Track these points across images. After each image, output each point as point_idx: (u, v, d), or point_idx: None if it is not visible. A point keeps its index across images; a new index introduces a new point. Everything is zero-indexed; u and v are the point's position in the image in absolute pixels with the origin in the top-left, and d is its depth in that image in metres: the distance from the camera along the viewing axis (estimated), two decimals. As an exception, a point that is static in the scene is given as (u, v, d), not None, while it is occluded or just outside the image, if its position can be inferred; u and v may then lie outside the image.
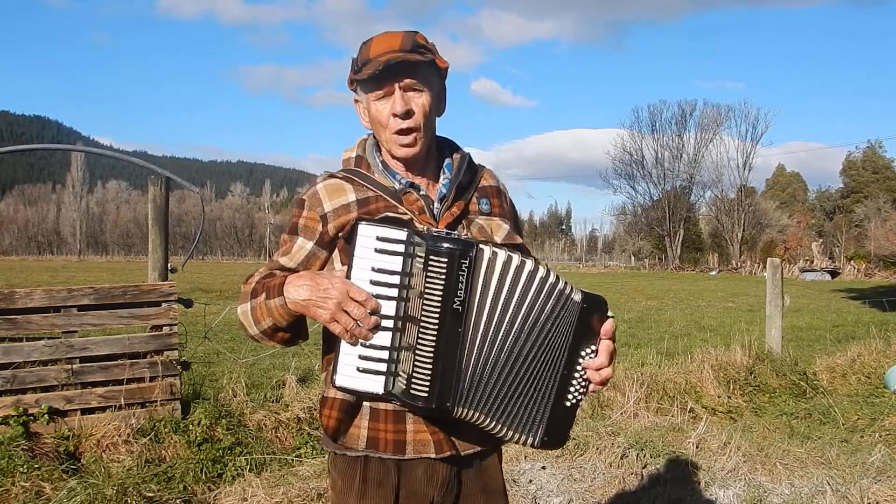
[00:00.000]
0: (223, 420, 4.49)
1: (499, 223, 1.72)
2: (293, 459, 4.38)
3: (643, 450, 4.27)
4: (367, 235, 1.49)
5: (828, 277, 38.59)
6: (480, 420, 1.53)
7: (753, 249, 62.53)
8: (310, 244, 1.62)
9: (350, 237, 1.53)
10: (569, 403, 1.58)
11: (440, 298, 1.46)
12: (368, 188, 1.63)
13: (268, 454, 4.36)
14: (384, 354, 1.49)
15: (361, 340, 1.48)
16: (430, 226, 1.60)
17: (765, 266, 9.26)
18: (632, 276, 43.16)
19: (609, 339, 1.59)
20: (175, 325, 4.55)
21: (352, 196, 1.62)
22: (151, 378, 4.42)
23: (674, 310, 16.53)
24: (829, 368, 7.41)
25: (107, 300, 4.36)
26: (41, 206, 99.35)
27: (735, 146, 63.93)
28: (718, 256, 63.02)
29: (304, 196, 1.66)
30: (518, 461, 4.28)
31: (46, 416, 4.09)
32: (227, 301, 14.71)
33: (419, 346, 1.47)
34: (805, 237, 63.74)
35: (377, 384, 1.50)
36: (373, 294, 1.47)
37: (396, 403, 1.55)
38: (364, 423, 1.59)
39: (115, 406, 4.28)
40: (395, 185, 1.64)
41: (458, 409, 1.51)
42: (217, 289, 20.19)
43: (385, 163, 1.68)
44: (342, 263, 1.60)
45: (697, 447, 4.50)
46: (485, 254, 1.48)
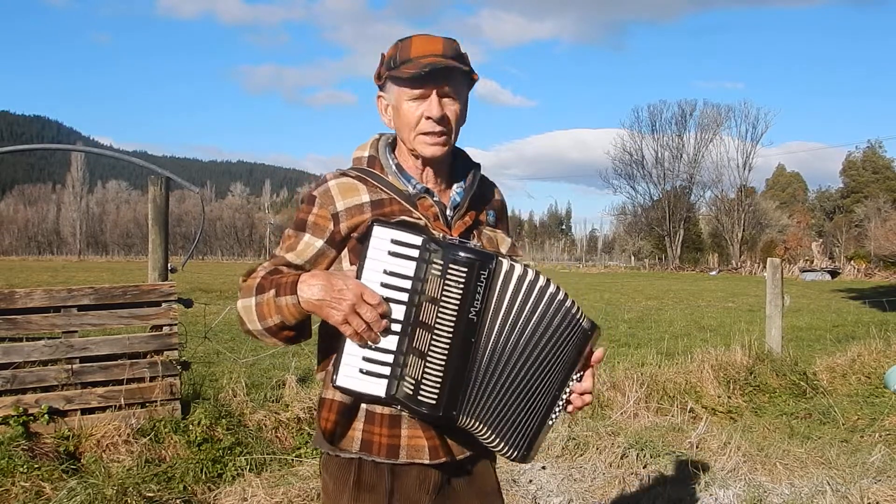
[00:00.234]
0: (223, 420, 4.49)
1: (503, 236, 1.75)
2: (293, 459, 4.38)
3: (643, 450, 4.27)
4: (382, 238, 1.48)
5: (828, 277, 38.59)
6: (479, 430, 1.53)
7: (753, 249, 62.51)
8: (319, 242, 1.59)
9: (363, 238, 1.51)
10: (550, 422, 1.60)
11: (456, 307, 1.45)
12: (382, 190, 1.61)
13: (268, 454, 4.36)
14: (389, 358, 1.49)
15: (368, 344, 1.47)
16: (444, 233, 1.59)
17: (765, 266, 9.26)
18: (632, 276, 43.15)
19: (593, 367, 1.63)
20: (175, 325, 4.55)
21: (365, 197, 1.60)
22: (151, 378, 4.43)
23: (674, 310, 16.53)
24: (829, 368, 7.41)
25: (107, 300, 4.36)
26: (41, 206, 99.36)
27: (735, 146, 64.00)
28: (718, 256, 63.00)
29: (315, 192, 1.61)
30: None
31: (46, 416, 4.09)
32: (227, 301, 14.71)
33: (431, 353, 1.46)
34: (805, 237, 63.74)
35: (379, 387, 1.49)
36: (383, 297, 1.47)
37: (397, 407, 1.54)
38: (359, 426, 1.58)
39: (115, 406, 4.29)
40: (409, 190, 1.62)
41: (462, 419, 1.51)
42: (217, 289, 20.18)
43: (400, 165, 1.66)
44: (351, 263, 1.59)
45: (697, 447, 4.50)
46: (503, 266, 1.49)
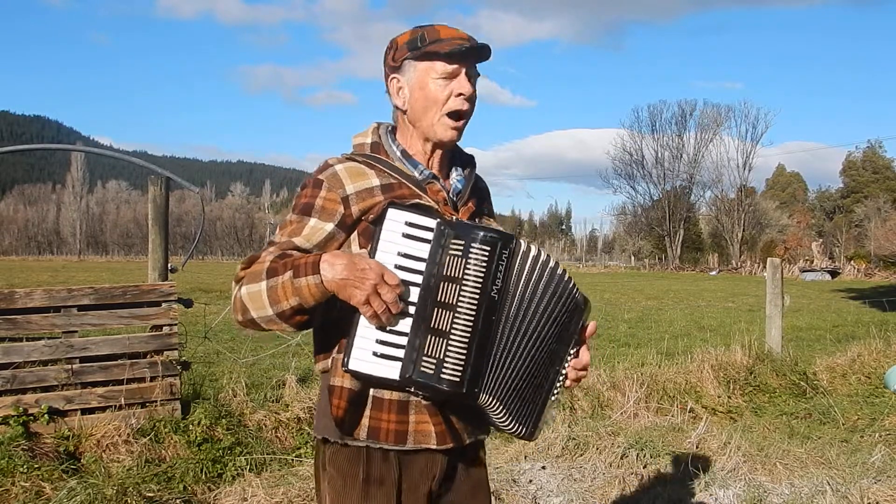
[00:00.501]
0: (223, 420, 4.49)
1: (494, 224, 1.77)
2: (293, 459, 4.38)
3: (643, 450, 4.27)
4: (397, 220, 1.49)
5: (828, 277, 38.59)
6: (494, 408, 1.53)
7: (753, 249, 62.49)
8: (330, 225, 1.56)
9: (377, 220, 1.52)
10: (553, 398, 1.64)
11: (479, 286, 1.47)
12: (391, 174, 1.61)
13: (268, 454, 4.36)
14: (402, 340, 1.48)
15: (386, 326, 1.47)
16: (454, 216, 1.62)
17: (765, 266, 9.26)
18: (632, 276, 43.15)
19: (586, 342, 1.68)
20: (175, 325, 4.55)
21: (375, 181, 1.59)
22: (151, 378, 4.43)
23: (674, 310, 16.53)
24: (829, 368, 7.41)
25: (107, 300, 4.36)
26: (41, 206, 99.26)
27: (735, 146, 63.97)
28: (718, 256, 62.98)
29: (321, 176, 1.59)
30: (518, 461, 4.28)
31: (46, 416, 4.09)
32: (227, 301, 14.63)
33: (454, 332, 1.46)
34: (805, 237, 63.68)
35: (393, 370, 1.48)
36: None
37: (410, 389, 1.53)
38: (366, 413, 1.56)
39: (115, 406, 4.29)
40: (417, 175, 1.64)
41: (483, 396, 1.51)
42: (217, 289, 20.16)
43: (405, 151, 1.66)
44: (361, 246, 1.57)
45: (697, 447, 4.50)
46: (521, 246, 1.52)
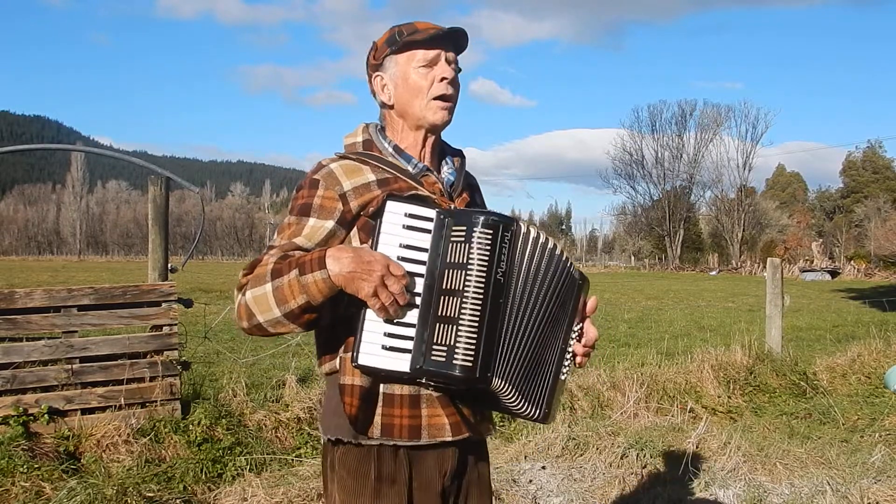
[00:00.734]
0: (223, 420, 4.49)
1: (510, 215, 1.78)
2: (293, 459, 4.38)
3: (643, 450, 4.27)
4: (396, 212, 1.50)
5: (828, 277, 38.59)
6: (507, 391, 1.53)
7: (753, 249, 62.49)
8: (330, 223, 1.56)
9: (376, 214, 1.52)
10: (562, 377, 1.64)
11: (484, 269, 1.47)
12: (385, 169, 1.62)
13: (268, 454, 4.37)
14: (411, 332, 1.49)
15: (393, 318, 1.47)
16: (452, 206, 1.64)
17: (765, 266, 9.26)
18: (632, 276, 43.15)
19: (589, 318, 1.70)
20: (175, 325, 4.55)
21: (371, 176, 1.61)
22: (151, 378, 4.43)
23: (674, 310, 16.53)
24: (829, 368, 7.41)
25: (107, 300, 4.36)
26: (41, 206, 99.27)
27: (735, 146, 63.98)
28: (718, 256, 62.97)
29: (317, 176, 1.59)
30: (518, 461, 4.28)
31: (46, 416, 4.09)
32: (227, 301, 14.71)
33: (462, 317, 1.46)
34: (805, 237, 63.67)
35: (403, 362, 1.48)
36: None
37: (422, 380, 1.52)
38: (378, 410, 1.55)
39: (115, 406, 4.29)
40: (410, 169, 1.65)
41: (496, 380, 1.51)
42: (217, 289, 20.18)
43: (397, 146, 1.68)
44: (361, 241, 1.57)
45: (697, 447, 4.49)
46: (522, 228, 1.53)
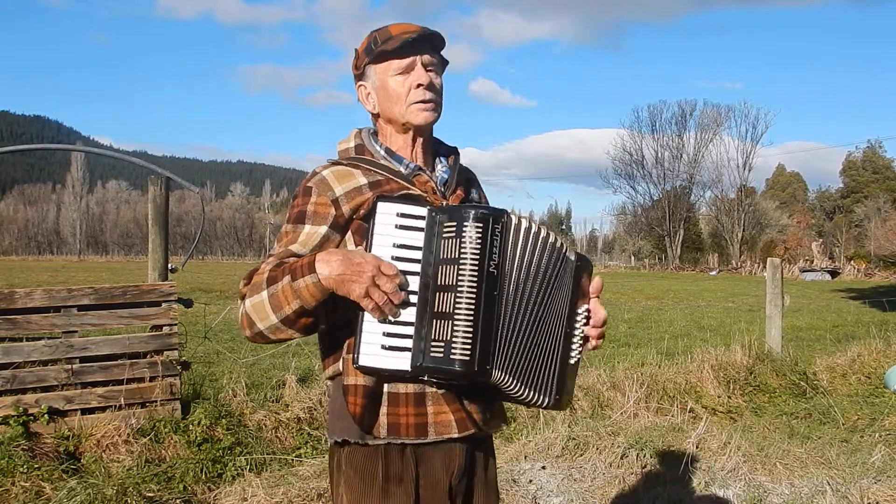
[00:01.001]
0: (223, 420, 4.49)
1: (500, 207, 1.78)
2: (293, 459, 4.38)
3: (643, 450, 4.26)
4: (387, 213, 1.50)
5: (828, 277, 38.58)
6: (509, 383, 1.53)
7: (753, 249, 62.49)
8: (323, 228, 1.58)
9: (368, 216, 1.53)
10: (572, 361, 1.64)
11: (476, 263, 1.47)
12: (377, 172, 1.64)
13: (268, 454, 4.37)
14: (409, 330, 1.49)
15: (389, 317, 1.47)
16: (445, 204, 1.64)
17: (765, 266, 9.26)
18: (632, 276, 43.14)
19: (597, 297, 1.69)
20: (175, 325, 4.55)
21: (362, 179, 1.62)
22: (151, 378, 4.43)
23: (674, 310, 16.53)
24: (829, 368, 7.41)
25: (107, 300, 4.36)
26: (41, 206, 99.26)
27: (735, 146, 63.96)
28: (718, 256, 62.97)
29: (310, 183, 1.62)
30: (518, 461, 4.28)
31: (46, 416, 4.09)
32: (227, 301, 14.72)
33: (457, 312, 1.46)
34: (805, 237, 63.66)
35: (403, 361, 1.48)
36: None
37: (424, 378, 1.52)
38: (383, 410, 1.55)
39: (115, 406, 4.29)
40: (402, 170, 1.66)
41: (496, 373, 1.51)
42: (217, 289, 20.18)
43: (389, 149, 1.69)
44: (356, 244, 1.58)
45: (697, 447, 4.49)
46: (513, 219, 1.53)
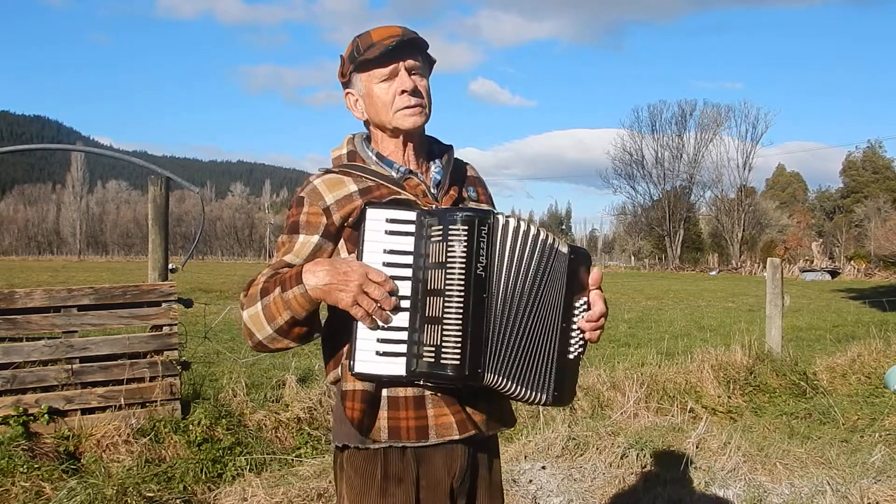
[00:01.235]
0: (223, 420, 4.49)
1: (487, 208, 1.76)
2: (293, 459, 4.38)
3: (643, 450, 4.26)
4: (377, 219, 1.50)
5: (828, 277, 38.57)
6: (502, 384, 1.53)
7: (753, 249, 62.47)
8: (315, 237, 1.60)
9: (358, 223, 1.54)
10: (571, 357, 1.62)
11: (463, 266, 1.47)
12: (368, 179, 1.64)
13: (268, 454, 4.36)
14: (403, 335, 1.49)
15: (381, 323, 1.47)
16: (435, 206, 1.64)
17: (765, 266, 9.26)
18: (632, 276, 43.13)
19: (598, 289, 1.67)
20: (175, 325, 4.55)
21: (353, 187, 1.63)
22: (151, 378, 4.42)
23: (674, 310, 16.52)
24: (829, 368, 7.41)
25: (107, 300, 4.36)
26: (41, 206, 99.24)
27: (735, 146, 63.92)
28: (718, 256, 62.95)
29: (302, 194, 1.64)
30: (518, 461, 4.28)
31: (46, 416, 4.09)
32: (227, 301, 14.72)
33: (446, 316, 1.46)
34: (805, 237, 63.65)
35: (398, 367, 1.49)
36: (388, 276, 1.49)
37: (420, 382, 1.53)
38: (384, 414, 1.57)
39: (115, 406, 4.28)
40: (393, 174, 1.66)
41: (488, 376, 1.51)
42: (217, 289, 20.18)
43: (380, 154, 1.70)
44: (349, 252, 1.59)
45: (697, 447, 4.49)
46: (500, 220, 1.53)
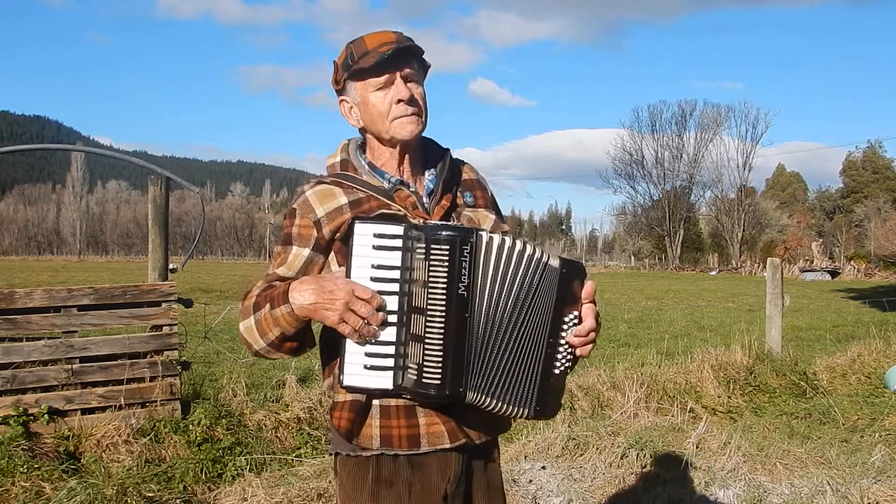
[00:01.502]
0: (223, 420, 4.49)
1: (485, 214, 1.75)
2: (293, 459, 4.38)
3: (643, 450, 4.26)
4: (364, 233, 1.50)
5: (828, 277, 38.57)
6: (484, 402, 1.54)
7: (753, 249, 62.47)
8: (306, 251, 1.61)
9: (346, 237, 1.54)
10: (557, 371, 1.60)
11: (445, 286, 1.47)
12: (359, 189, 1.64)
13: (268, 454, 4.37)
14: (390, 349, 1.50)
15: (368, 340, 1.48)
16: (424, 219, 1.62)
17: (765, 266, 9.26)
18: (632, 276, 43.13)
19: (591, 303, 1.62)
20: (175, 325, 4.55)
21: (343, 199, 1.62)
22: (151, 378, 4.42)
23: (674, 310, 16.52)
24: (829, 368, 7.41)
25: (107, 300, 4.36)
26: (41, 206, 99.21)
27: (735, 146, 63.91)
28: (718, 256, 62.94)
29: (295, 205, 1.65)
30: (518, 461, 4.28)
31: (46, 416, 4.09)
32: (227, 301, 14.72)
33: (428, 335, 1.47)
34: (805, 237, 63.62)
35: (386, 380, 1.50)
36: (375, 291, 1.48)
37: (407, 397, 1.55)
38: (375, 423, 1.58)
39: (115, 406, 4.28)
40: (385, 185, 1.65)
41: (469, 395, 1.52)
42: (217, 289, 20.18)
43: (372, 163, 1.69)
44: (339, 265, 1.61)
45: (697, 447, 4.49)
46: (483, 239, 1.51)
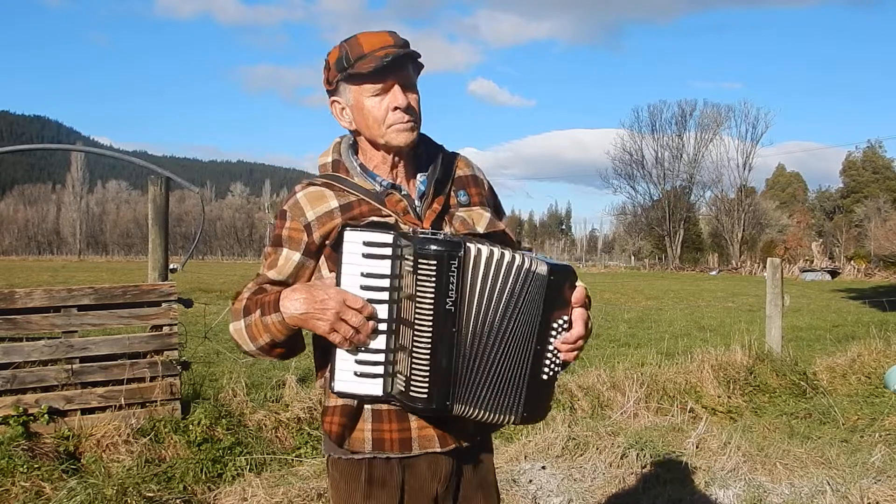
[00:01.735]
0: (223, 420, 4.49)
1: (480, 212, 1.70)
2: (293, 459, 4.38)
3: (643, 450, 4.26)
4: (354, 241, 1.50)
5: (828, 277, 38.57)
6: (471, 413, 1.54)
7: (753, 249, 62.46)
8: (297, 255, 1.61)
9: (337, 244, 1.53)
10: (545, 377, 1.59)
11: (432, 301, 1.47)
12: (350, 193, 1.62)
13: (268, 454, 4.37)
14: (380, 357, 1.51)
15: (359, 348, 1.49)
16: (415, 226, 1.60)
17: (765, 266, 9.26)
18: (632, 276, 43.12)
19: (581, 307, 1.60)
20: (175, 325, 4.55)
21: (334, 202, 1.61)
22: (151, 378, 4.42)
23: (674, 310, 16.51)
24: (829, 368, 7.41)
25: (107, 300, 4.36)
26: (41, 206, 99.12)
27: (735, 146, 63.98)
28: (718, 256, 62.95)
29: (286, 206, 1.64)
30: (518, 461, 4.28)
31: (46, 416, 4.09)
32: (227, 301, 14.69)
33: (415, 349, 1.48)
34: (805, 237, 63.63)
35: (376, 387, 1.52)
36: (365, 299, 1.48)
37: (395, 404, 1.56)
38: (367, 426, 1.59)
39: (115, 406, 4.28)
40: (376, 188, 1.63)
41: (456, 407, 1.53)
42: (217, 289, 20.16)
43: (363, 165, 1.67)
44: (329, 270, 1.60)
45: (697, 447, 4.49)
46: (471, 252, 1.49)
